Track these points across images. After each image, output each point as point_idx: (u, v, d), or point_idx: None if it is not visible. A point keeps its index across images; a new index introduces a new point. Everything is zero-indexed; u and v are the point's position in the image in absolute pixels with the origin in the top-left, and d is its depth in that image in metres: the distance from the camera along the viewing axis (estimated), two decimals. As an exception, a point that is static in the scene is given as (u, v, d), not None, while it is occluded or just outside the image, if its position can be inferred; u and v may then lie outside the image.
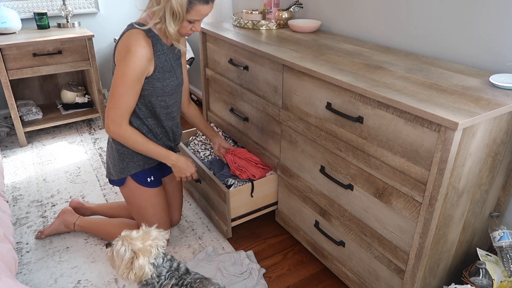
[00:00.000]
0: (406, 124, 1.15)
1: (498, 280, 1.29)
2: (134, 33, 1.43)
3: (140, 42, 1.42)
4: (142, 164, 1.66)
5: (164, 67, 1.53)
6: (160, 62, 1.51)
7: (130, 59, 1.41)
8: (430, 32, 1.56)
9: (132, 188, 1.68)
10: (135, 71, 1.43)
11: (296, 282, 1.69)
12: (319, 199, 1.60)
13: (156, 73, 1.51)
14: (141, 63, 1.43)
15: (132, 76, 1.43)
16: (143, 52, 1.43)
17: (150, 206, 1.71)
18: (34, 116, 2.89)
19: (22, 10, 2.96)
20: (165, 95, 1.57)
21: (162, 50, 1.52)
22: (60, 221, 1.90)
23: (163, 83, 1.54)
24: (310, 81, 1.48)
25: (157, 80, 1.52)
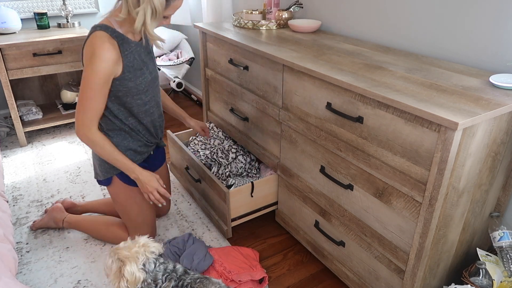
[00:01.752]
0: (406, 124, 1.15)
1: (498, 280, 1.30)
2: (98, 36, 1.42)
3: (104, 45, 1.41)
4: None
5: (134, 65, 1.51)
6: (129, 61, 1.49)
7: (95, 63, 1.40)
8: (430, 32, 1.56)
9: (119, 187, 1.69)
10: (101, 74, 1.42)
11: (296, 282, 1.69)
12: (319, 199, 1.60)
13: (126, 73, 1.49)
14: (107, 66, 1.42)
15: (98, 79, 1.42)
16: (108, 55, 1.41)
17: (136, 204, 1.72)
18: (34, 116, 2.89)
19: (22, 10, 2.96)
20: (140, 93, 1.56)
21: (129, 49, 1.49)
22: (49, 217, 1.94)
23: (135, 82, 1.52)
24: (310, 81, 1.48)
25: (129, 80, 1.51)
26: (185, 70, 3.03)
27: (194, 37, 3.33)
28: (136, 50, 1.53)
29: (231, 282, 1.58)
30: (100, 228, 1.86)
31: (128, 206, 1.72)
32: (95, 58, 1.40)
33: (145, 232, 1.79)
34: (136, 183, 1.66)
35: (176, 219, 2.04)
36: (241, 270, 1.64)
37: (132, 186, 1.69)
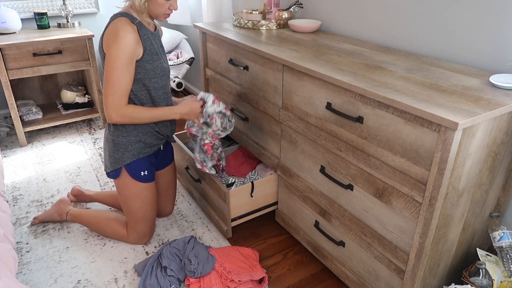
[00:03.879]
0: (406, 124, 1.15)
1: (498, 280, 1.30)
2: (119, 20, 1.50)
3: (126, 27, 1.49)
4: (137, 154, 1.69)
5: (151, 50, 1.59)
6: (147, 45, 1.57)
7: (119, 43, 1.47)
8: (430, 32, 1.56)
9: (125, 179, 1.72)
10: (126, 53, 1.49)
11: (296, 282, 1.69)
12: (319, 199, 1.60)
13: (145, 56, 1.56)
14: (131, 45, 1.49)
15: (124, 58, 1.49)
16: (130, 36, 1.49)
17: (138, 199, 1.75)
18: (34, 116, 2.90)
19: (22, 10, 2.96)
20: (157, 76, 1.62)
21: (146, 35, 1.57)
22: (55, 209, 1.99)
23: (153, 65, 1.59)
24: (310, 81, 1.48)
25: (147, 62, 1.57)
26: (185, 70, 3.03)
27: (194, 37, 3.33)
28: (153, 38, 1.61)
29: (231, 282, 1.58)
30: (101, 222, 1.90)
31: (131, 199, 1.75)
32: (119, 39, 1.47)
33: (143, 228, 1.83)
34: (143, 179, 1.72)
35: (176, 219, 2.04)
36: (241, 270, 1.64)
37: (138, 181, 1.72)
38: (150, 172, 1.75)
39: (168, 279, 1.59)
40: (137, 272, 1.70)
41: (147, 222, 1.82)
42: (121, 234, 1.86)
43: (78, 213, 1.95)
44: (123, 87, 1.52)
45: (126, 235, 1.85)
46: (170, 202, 2.01)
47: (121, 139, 1.66)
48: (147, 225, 1.82)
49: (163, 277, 1.60)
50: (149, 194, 1.76)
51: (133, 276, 1.70)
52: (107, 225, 1.88)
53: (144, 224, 1.81)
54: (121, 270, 1.72)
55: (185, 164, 2.12)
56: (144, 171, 1.72)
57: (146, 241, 1.87)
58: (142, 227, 1.82)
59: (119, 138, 1.66)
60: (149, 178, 1.75)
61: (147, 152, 1.71)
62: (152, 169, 1.76)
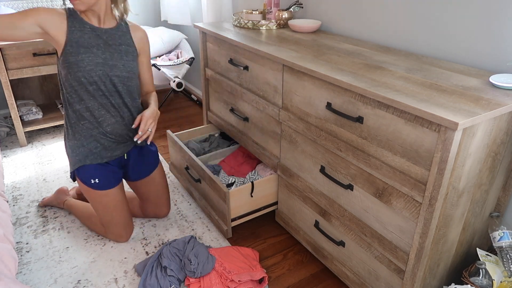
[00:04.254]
0: (406, 124, 1.15)
1: (498, 280, 1.30)
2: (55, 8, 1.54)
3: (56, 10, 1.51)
4: (82, 159, 1.65)
5: (79, 42, 1.53)
6: (74, 36, 1.52)
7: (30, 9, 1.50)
8: (430, 32, 1.56)
9: (80, 185, 1.72)
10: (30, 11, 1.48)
11: (296, 282, 1.69)
12: (319, 199, 1.60)
13: (68, 47, 1.52)
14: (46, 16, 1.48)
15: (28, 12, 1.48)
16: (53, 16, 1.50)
17: (99, 205, 1.75)
18: (34, 116, 2.90)
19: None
20: (82, 70, 1.53)
21: (79, 27, 1.54)
22: (55, 196, 2.10)
23: (76, 58, 1.52)
24: (310, 81, 1.48)
25: (70, 55, 1.52)
26: (185, 70, 3.03)
27: (194, 37, 3.33)
28: (89, 32, 1.56)
29: (231, 282, 1.59)
30: (86, 217, 1.94)
31: (93, 204, 1.77)
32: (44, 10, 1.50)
33: (116, 230, 1.82)
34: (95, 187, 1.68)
35: (176, 219, 2.04)
36: (241, 270, 1.64)
37: (91, 188, 1.68)
38: (103, 179, 1.68)
39: (168, 279, 1.59)
40: (137, 272, 1.70)
41: (117, 225, 1.80)
42: (101, 230, 1.89)
43: (72, 203, 2.02)
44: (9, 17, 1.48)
45: (104, 231, 1.87)
46: (164, 206, 1.99)
47: (67, 142, 1.68)
48: (119, 227, 1.81)
49: (163, 277, 1.60)
50: (109, 201, 1.73)
51: (133, 276, 1.70)
52: (89, 220, 1.92)
53: (115, 227, 1.81)
54: (121, 270, 1.72)
55: (185, 164, 2.12)
56: (95, 179, 1.67)
57: (124, 241, 1.87)
58: (114, 229, 1.82)
59: (66, 140, 1.69)
60: (103, 185, 1.69)
61: (95, 158, 1.65)
62: (106, 176, 1.69)
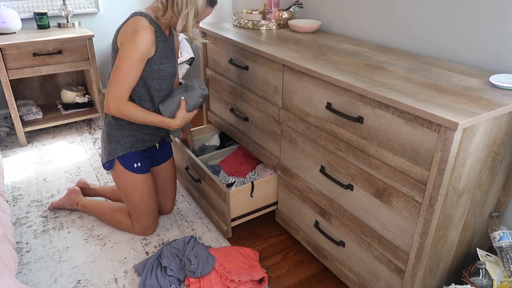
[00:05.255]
0: (406, 124, 1.15)
1: (498, 280, 1.30)
2: (139, 19, 1.54)
3: (146, 26, 1.53)
4: (129, 147, 1.73)
5: (162, 52, 1.63)
6: (160, 48, 1.61)
7: (136, 40, 1.51)
8: (430, 32, 1.56)
9: (120, 172, 1.76)
10: (141, 51, 1.52)
11: (296, 282, 1.69)
12: (319, 199, 1.60)
13: (155, 57, 1.60)
14: (147, 45, 1.53)
15: (137, 55, 1.52)
16: (148, 35, 1.53)
17: (136, 191, 1.78)
18: (34, 116, 2.89)
19: (22, 10, 2.96)
20: (160, 78, 1.66)
21: (161, 38, 1.61)
22: (66, 198, 2.08)
23: (159, 67, 1.63)
24: (310, 81, 1.48)
25: (155, 63, 1.61)
26: (185, 70, 3.03)
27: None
28: (166, 42, 1.66)
29: (231, 282, 1.58)
30: (107, 213, 1.96)
31: (129, 192, 1.79)
32: (137, 36, 1.51)
33: (146, 221, 1.87)
34: (137, 170, 1.76)
35: (176, 219, 2.04)
36: (241, 270, 1.64)
37: (132, 172, 1.75)
38: (143, 163, 1.78)
39: (168, 279, 1.59)
40: (137, 272, 1.70)
41: (149, 214, 1.86)
42: (127, 225, 1.91)
43: (88, 203, 2.03)
44: (129, 82, 1.55)
45: (131, 226, 1.89)
46: (169, 200, 2.02)
47: (114, 131, 1.71)
48: (150, 217, 1.86)
49: (163, 277, 1.60)
50: (146, 186, 1.80)
51: (133, 276, 1.70)
52: (112, 217, 1.94)
53: (146, 216, 1.85)
54: (121, 270, 1.72)
55: (185, 164, 2.12)
56: (137, 163, 1.75)
57: (151, 233, 1.91)
58: (145, 219, 1.86)
59: (113, 130, 1.71)
60: (143, 169, 1.78)
61: (139, 146, 1.75)
62: (146, 161, 1.79)
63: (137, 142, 1.74)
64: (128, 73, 1.53)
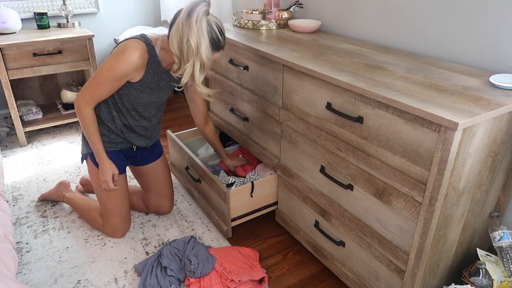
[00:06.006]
0: (406, 124, 1.15)
1: (498, 280, 1.30)
2: (137, 42, 1.52)
3: (137, 51, 1.51)
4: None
5: (148, 84, 1.61)
6: (147, 78, 1.59)
7: (120, 59, 1.50)
8: (430, 32, 1.56)
9: (90, 167, 1.77)
10: (120, 72, 1.51)
11: (296, 282, 1.69)
12: (319, 199, 1.60)
13: (138, 84, 1.59)
14: (128, 68, 1.51)
15: (115, 74, 1.52)
16: (134, 60, 1.51)
17: (104, 191, 1.77)
18: (34, 116, 2.89)
19: (22, 10, 2.96)
20: (136, 103, 1.65)
21: (154, 71, 1.59)
22: (55, 190, 2.12)
23: (138, 94, 1.62)
24: (310, 81, 1.48)
25: (135, 89, 1.61)
26: (185, 70, 3.02)
27: (194, 37, 3.32)
28: (159, 76, 1.63)
29: (231, 282, 1.59)
30: (84, 209, 1.97)
31: (98, 190, 1.79)
32: (123, 55, 1.50)
33: (114, 221, 1.85)
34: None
35: (176, 219, 2.04)
36: (241, 270, 1.64)
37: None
38: (115, 163, 1.74)
39: (168, 279, 1.59)
40: (137, 272, 1.70)
41: (117, 216, 1.83)
42: (99, 225, 1.91)
43: (72, 197, 2.05)
44: (100, 93, 1.58)
45: (102, 225, 1.89)
46: (166, 200, 2.00)
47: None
48: (118, 219, 1.84)
49: (163, 277, 1.60)
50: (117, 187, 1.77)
51: (133, 276, 1.70)
52: (88, 213, 1.94)
53: (115, 218, 1.83)
54: (121, 270, 1.72)
55: (185, 164, 2.12)
56: None
57: (120, 236, 1.88)
58: (114, 221, 1.84)
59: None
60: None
61: (111, 147, 1.74)
62: (118, 163, 1.76)
63: (108, 143, 1.72)
64: (102, 85, 1.55)
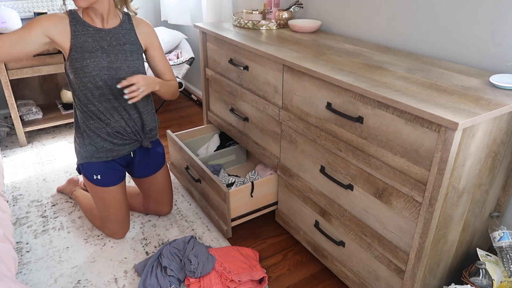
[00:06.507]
0: (406, 124, 1.15)
1: (498, 280, 1.30)
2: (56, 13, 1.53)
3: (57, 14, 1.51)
4: (88, 157, 1.68)
5: (83, 47, 1.52)
6: (78, 41, 1.52)
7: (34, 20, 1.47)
8: (430, 32, 1.56)
9: (84, 178, 1.75)
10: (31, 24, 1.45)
11: (296, 282, 1.69)
12: (319, 199, 1.60)
13: (73, 52, 1.52)
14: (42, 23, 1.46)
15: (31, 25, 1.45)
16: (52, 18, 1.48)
17: (99, 200, 1.77)
18: (34, 116, 2.90)
19: (22, 10, 2.96)
20: (88, 76, 1.53)
21: (83, 31, 1.52)
22: (66, 185, 2.19)
23: (82, 63, 1.52)
24: (310, 81, 1.48)
25: (75, 61, 1.52)
26: (185, 70, 3.03)
27: (194, 37, 3.33)
28: (93, 35, 1.55)
29: (231, 282, 1.59)
30: (87, 208, 1.98)
31: (94, 199, 1.80)
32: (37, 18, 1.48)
33: (112, 226, 1.84)
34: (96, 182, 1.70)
35: (176, 219, 2.04)
36: (241, 270, 1.64)
37: (92, 184, 1.72)
38: (106, 176, 1.70)
39: (168, 279, 1.59)
40: (137, 272, 1.70)
41: (113, 222, 1.82)
42: (100, 225, 1.91)
43: (79, 195, 2.06)
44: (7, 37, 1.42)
45: (102, 227, 1.89)
46: (165, 205, 2.00)
47: (76, 137, 1.70)
48: (114, 224, 1.83)
49: (163, 277, 1.60)
50: (109, 198, 1.74)
51: (133, 276, 1.70)
52: (90, 213, 1.95)
53: (111, 223, 1.82)
54: (121, 270, 1.72)
55: (185, 164, 2.12)
56: (97, 175, 1.68)
57: (118, 237, 1.88)
58: (111, 225, 1.83)
59: (76, 135, 1.71)
60: (106, 182, 1.71)
61: (100, 157, 1.67)
62: (110, 173, 1.71)
63: (97, 153, 1.66)
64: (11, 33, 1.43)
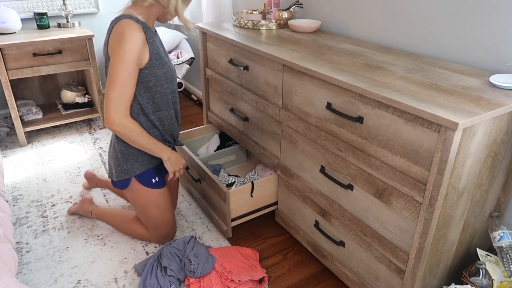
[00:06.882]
0: (406, 124, 1.15)
1: (498, 280, 1.30)
2: (125, 21, 1.41)
3: (133, 26, 1.40)
4: (147, 164, 1.66)
5: (159, 53, 1.52)
6: (154, 48, 1.50)
7: (127, 43, 1.39)
8: (430, 32, 1.56)
9: (137, 189, 1.69)
10: (133, 54, 1.40)
11: (296, 282, 1.69)
12: (319, 199, 1.60)
13: (153, 60, 1.49)
14: (138, 46, 1.41)
15: (131, 60, 1.40)
16: (137, 35, 1.41)
17: (154, 206, 1.73)
18: (34, 116, 2.90)
19: (22, 10, 2.96)
20: (168, 82, 1.57)
21: (152, 37, 1.50)
22: (80, 207, 2.04)
23: (163, 70, 1.53)
24: (310, 81, 1.48)
25: (157, 68, 1.50)
26: (185, 70, 3.03)
27: (194, 37, 3.33)
28: (157, 39, 1.57)
29: (231, 282, 1.58)
30: (122, 224, 1.91)
31: (147, 208, 1.73)
32: (125, 39, 1.38)
33: (165, 231, 1.81)
34: (155, 185, 1.69)
35: (176, 219, 2.04)
36: (241, 270, 1.64)
37: (151, 188, 1.69)
38: (160, 177, 1.73)
39: (168, 279, 1.59)
40: (137, 272, 1.70)
41: (167, 226, 1.80)
42: (145, 236, 1.85)
43: (101, 212, 1.97)
44: (129, 92, 1.43)
45: (149, 236, 1.84)
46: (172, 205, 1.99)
47: (131, 149, 1.61)
48: (168, 228, 1.81)
49: (163, 277, 1.60)
50: (164, 200, 1.74)
51: (133, 276, 1.70)
52: (128, 227, 1.88)
53: (165, 228, 1.80)
54: (121, 270, 1.72)
55: (185, 164, 2.12)
56: (155, 178, 1.70)
57: (170, 239, 1.86)
58: (164, 230, 1.80)
59: (129, 149, 1.61)
60: (161, 183, 1.73)
61: (156, 162, 1.69)
62: (162, 175, 1.74)
63: (154, 158, 1.67)
64: (127, 81, 1.41)
